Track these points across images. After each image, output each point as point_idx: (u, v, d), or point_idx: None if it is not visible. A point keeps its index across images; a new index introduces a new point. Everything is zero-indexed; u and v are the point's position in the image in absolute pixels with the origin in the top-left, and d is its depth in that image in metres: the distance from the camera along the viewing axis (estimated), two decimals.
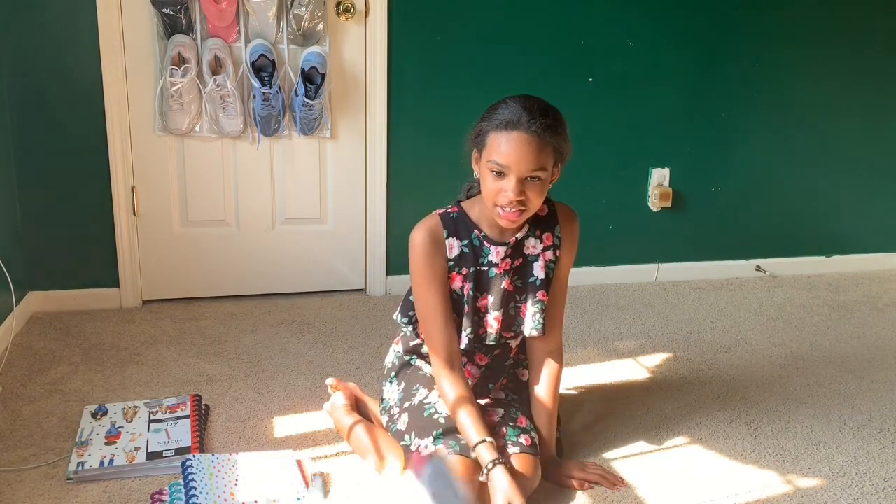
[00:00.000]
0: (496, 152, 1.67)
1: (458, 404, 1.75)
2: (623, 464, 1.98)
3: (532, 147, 1.65)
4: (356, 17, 2.80)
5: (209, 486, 1.71)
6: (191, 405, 2.10)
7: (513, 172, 1.66)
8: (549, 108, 1.70)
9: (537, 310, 1.86)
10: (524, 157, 1.65)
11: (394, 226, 3.01)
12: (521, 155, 1.65)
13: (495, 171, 1.67)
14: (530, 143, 1.65)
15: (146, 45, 2.67)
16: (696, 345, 2.73)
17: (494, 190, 1.69)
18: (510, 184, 1.67)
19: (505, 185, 1.67)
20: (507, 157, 1.66)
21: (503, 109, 1.69)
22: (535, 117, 1.66)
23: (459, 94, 2.95)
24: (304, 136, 2.85)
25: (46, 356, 2.46)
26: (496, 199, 1.70)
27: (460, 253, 1.81)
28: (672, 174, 3.24)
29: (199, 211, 2.88)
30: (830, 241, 3.53)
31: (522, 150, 1.65)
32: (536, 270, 1.86)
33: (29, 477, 1.84)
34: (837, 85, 3.32)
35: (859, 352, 2.72)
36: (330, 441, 2.04)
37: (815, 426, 2.20)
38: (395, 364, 2.01)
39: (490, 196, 1.71)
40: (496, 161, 1.67)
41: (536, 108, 1.67)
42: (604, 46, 3.04)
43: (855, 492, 1.90)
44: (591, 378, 2.45)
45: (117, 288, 2.83)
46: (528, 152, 1.65)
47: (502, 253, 1.82)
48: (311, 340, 2.64)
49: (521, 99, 1.70)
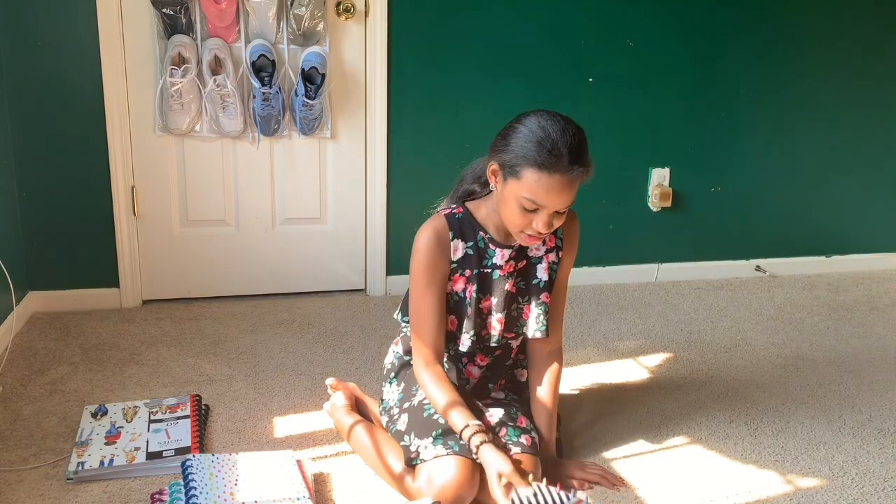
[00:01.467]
0: (533, 192, 1.63)
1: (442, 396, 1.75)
2: (623, 464, 1.98)
3: (571, 188, 1.64)
4: (356, 17, 2.80)
5: (209, 486, 1.71)
6: (191, 405, 2.10)
7: (547, 210, 1.65)
8: (583, 141, 1.65)
9: (541, 312, 1.86)
10: (563, 198, 1.64)
11: (394, 226, 3.01)
12: (560, 197, 1.63)
13: (529, 207, 1.65)
14: (570, 184, 1.63)
15: (146, 45, 2.67)
16: (696, 345, 2.73)
17: (523, 221, 1.68)
18: (542, 218, 1.66)
19: (536, 219, 1.66)
20: (545, 199, 1.63)
21: (543, 145, 1.61)
22: (577, 160, 1.62)
23: (460, 94, 2.95)
24: (304, 136, 2.85)
25: (46, 356, 2.45)
26: (523, 227, 1.69)
27: (465, 255, 1.81)
28: (672, 174, 3.24)
29: (199, 211, 2.88)
30: (830, 241, 3.53)
31: (563, 192, 1.63)
32: (540, 272, 1.86)
33: (29, 477, 1.84)
34: (837, 85, 3.32)
35: (859, 352, 2.72)
36: (330, 441, 2.04)
37: (815, 426, 2.20)
38: (394, 364, 2.01)
39: (516, 223, 1.69)
40: (532, 199, 1.64)
41: (576, 146, 1.63)
42: (604, 46, 3.04)
43: (855, 492, 1.90)
44: (591, 378, 2.45)
45: (117, 288, 2.83)
46: (566, 193, 1.64)
47: (507, 255, 1.82)
48: (311, 340, 2.64)
49: (560, 131, 1.63)
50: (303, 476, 1.79)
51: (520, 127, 1.67)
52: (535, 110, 1.69)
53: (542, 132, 1.63)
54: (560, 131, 1.63)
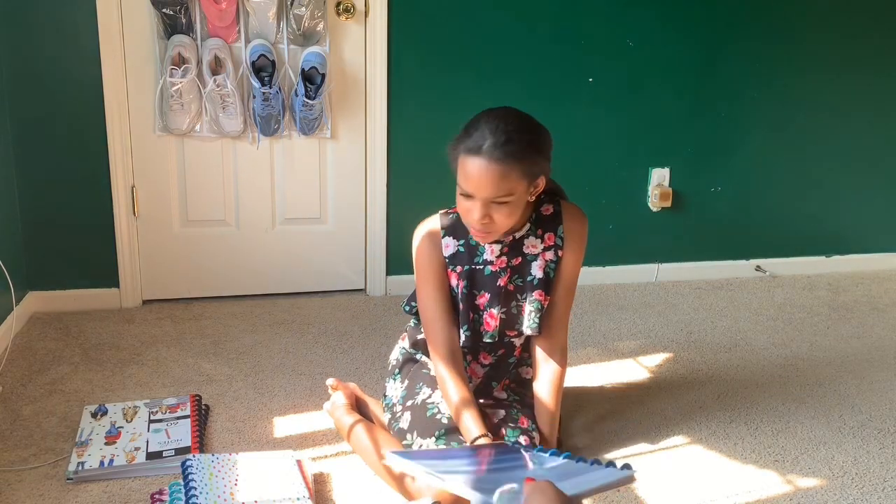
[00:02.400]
0: (461, 176, 1.68)
1: (458, 401, 1.76)
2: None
3: (493, 174, 1.63)
4: (356, 17, 2.80)
5: (209, 486, 1.71)
6: (191, 405, 2.10)
7: (476, 197, 1.67)
8: (518, 130, 1.65)
9: (533, 309, 1.86)
10: (485, 184, 1.64)
11: (394, 226, 3.01)
12: (481, 182, 1.65)
13: (462, 193, 1.70)
14: (491, 170, 1.63)
15: (146, 45, 2.67)
16: (696, 345, 2.73)
17: (463, 210, 1.72)
18: (475, 206, 1.68)
19: (471, 207, 1.69)
20: (469, 184, 1.66)
21: (473, 132, 1.67)
22: (499, 144, 1.62)
23: (460, 94, 2.95)
24: (304, 136, 2.85)
25: (46, 356, 2.45)
26: (465, 217, 1.73)
27: (455, 252, 1.83)
28: (672, 174, 3.24)
29: (199, 211, 2.88)
30: (830, 241, 3.53)
31: (483, 177, 1.64)
32: (534, 270, 1.86)
33: (29, 477, 1.84)
34: (837, 85, 3.32)
35: (859, 352, 2.72)
36: (330, 441, 2.04)
37: (815, 426, 2.20)
38: (399, 360, 2.01)
39: (461, 214, 1.74)
40: (461, 185, 1.69)
41: (502, 133, 1.63)
42: (604, 46, 3.04)
43: (855, 492, 1.90)
44: (592, 378, 2.45)
45: (117, 288, 2.83)
46: (488, 180, 1.64)
47: (497, 251, 1.83)
48: (311, 340, 2.64)
49: (493, 119, 1.66)
50: (303, 476, 1.79)
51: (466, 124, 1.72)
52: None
53: (476, 120, 1.69)
54: (493, 119, 1.66)
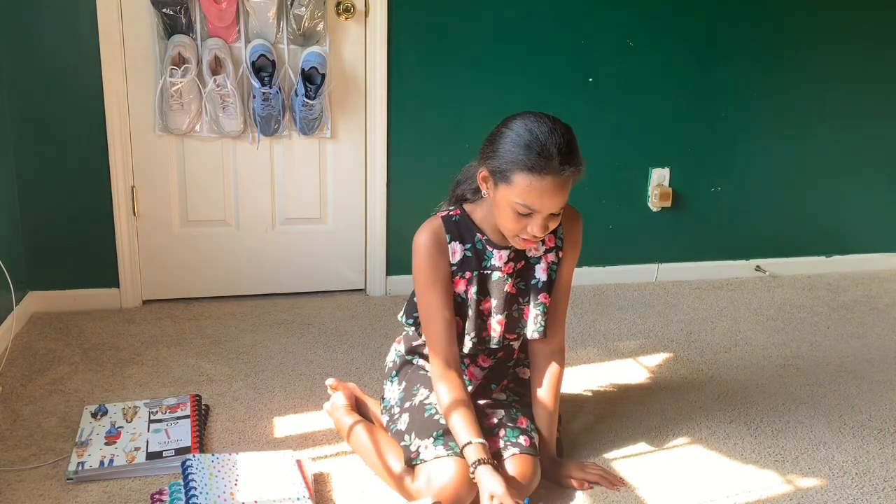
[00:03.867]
0: (525, 196, 1.61)
1: (452, 407, 1.75)
2: (623, 464, 1.98)
3: (564, 189, 1.63)
4: (356, 17, 2.80)
5: (209, 486, 1.71)
6: (191, 405, 2.10)
7: (541, 213, 1.64)
8: (573, 140, 1.64)
9: (539, 312, 1.86)
10: (556, 200, 1.62)
11: (394, 226, 3.01)
12: (553, 199, 1.62)
13: (522, 212, 1.64)
14: (563, 185, 1.62)
15: (146, 45, 2.67)
16: (696, 345, 2.73)
17: (518, 226, 1.66)
18: (537, 222, 1.64)
19: (530, 223, 1.65)
20: (538, 203, 1.62)
21: (532, 148, 1.59)
22: (567, 160, 1.60)
23: (459, 94, 2.95)
24: (304, 136, 2.85)
25: (46, 356, 2.45)
26: (518, 232, 1.68)
27: (463, 257, 1.81)
28: (672, 174, 3.24)
29: (199, 211, 2.88)
30: (830, 241, 3.53)
31: (555, 194, 1.61)
32: (538, 273, 1.85)
33: (29, 477, 1.84)
34: (837, 85, 3.32)
35: (859, 352, 2.72)
36: (330, 441, 2.04)
37: (815, 426, 2.20)
38: (395, 363, 2.01)
39: (510, 229, 1.68)
40: (525, 204, 1.62)
41: (566, 146, 1.61)
42: (604, 46, 3.04)
43: (855, 492, 1.90)
44: (592, 378, 2.45)
45: (117, 288, 2.83)
46: (559, 195, 1.62)
47: (505, 257, 1.82)
48: (311, 340, 2.64)
49: (548, 132, 1.61)
50: (303, 476, 1.79)
51: (507, 131, 1.65)
52: (521, 112, 1.68)
53: (530, 135, 1.61)
54: (548, 132, 1.61)
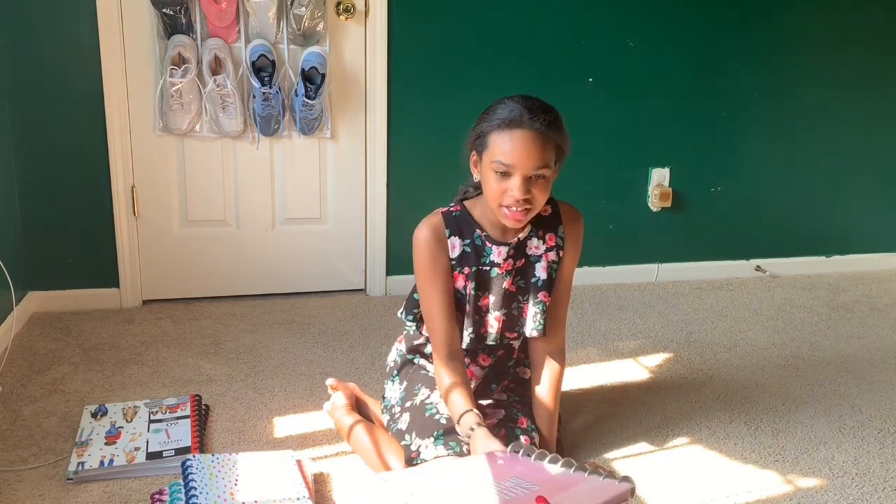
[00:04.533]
0: (500, 152, 1.66)
1: (451, 387, 1.75)
2: (623, 464, 1.98)
3: (536, 144, 1.65)
4: (356, 17, 2.80)
5: (209, 486, 1.71)
6: (191, 405, 2.10)
7: (518, 171, 1.65)
8: (548, 106, 1.70)
9: (538, 310, 1.86)
10: (529, 154, 1.64)
11: (394, 226, 3.01)
12: (525, 153, 1.64)
13: (500, 171, 1.66)
14: (534, 140, 1.64)
15: (146, 45, 2.67)
16: (696, 345, 2.73)
17: (499, 191, 1.68)
18: (515, 183, 1.66)
19: (510, 185, 1.66)
20: (511, 156, 1.64)
21: (503, 109, 1.68)
22: (538, 114, 1.65)
23: (459, 94, 2.95)
24: (304, 136, 2.85)
25: (46, 356, 2.45)
26: (501, 199, 1.68)
27: (462, 252, 1.81)
28: (672, 174, 3.24)
29: (199, 211, 2.88)
30: (830, 241, 3.53)
31: (527, 147, 1.64)
32: (538, 271, 1.86)
33: (29, 477, 1.84)
34: (837, 85, 3.32)
35: (859, 352, 2.72)
36: (330, 441, 2.04)
37: (815, 426, 2.20)
38: (397, 362, 2.01)
39: (494, 197, 1.69)
40: (500, 161, 1.65)
41: (537, 106, 1.67)
42: (604, 46, 3.04)
43: (855, 492, 1.90)
44: (592, 378, 2.45)
45: (117, 288, 2.83)
46: (532, 150, 1.64)
47: (504, 253, 1.82)
48: (311, 340, 2.64)
49: (519, 98, 1.69)
50: (303, 476, 1.79)
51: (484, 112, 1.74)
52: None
53: (503, 101, 1.70)
54: (519, 97, 1.69)
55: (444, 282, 1.79)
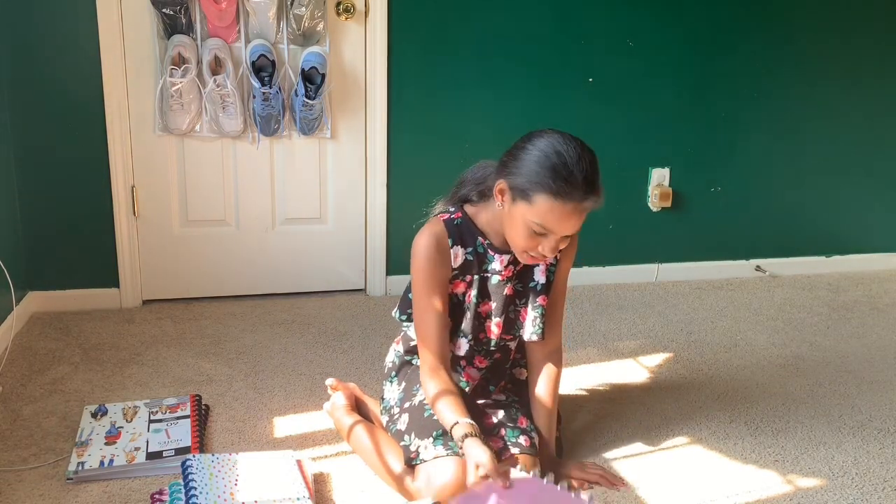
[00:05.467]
0: (544, 218, 1.61)
1: (438, 396, 1.72)
2: (623, 464, 1.98)
3: (582, 215, 1.63)
4: (356, 17, 2.80)
5: (209, 486, 1.71)
6: (191, 405, 2.10)
7: (556, 235, 1.64)
8: (597, 168, 1.63)
9: (537, 315, 1.86)
10: (573, 225, 1.63)
11: (394, 226, 3.01)
12: (570, 224, 1.63)
13: (537, 231, 1.64)
14: (583, 212, 1.63)
15: (146, 45, 2.67)
16: (696, 345, 2.73)
17: (529, 244, 1.66)
18: (550, 242, 1.65)
19: (543, 243, 1.65)
20: (556, 226, 1.62)
21: (558, 173, 1.58)
22: (591, 189, 1.60)
23: (459, 94, 2.95)
24: (304, 136, 2.85)
25: (46, 356, 2.46)
26: (529, 249, 1.68)
27: (465, 261, 1.80)
28: (672, 174, 3.24)
29: (199, 211, 2.88)
30: (830, 241, 3.53)
31: (574, 219, 1.62)
32: (537, 275, 1.85)
33: (29, 477, 1.84)
34: (838, 85, 3.32)
35: (859, 352, 2.72)
36: (330, 441, 2.04)
37: (815, 426, 2.20)
38: (395, 363, 2.01)
39: (521, 245, 1.68)
40: (542, 225, 1.62)
41: (591, 175, 1.60)
42: (604, 46, 3.04)
43: (855, 492, 1.90)
44: (592, 378, 2.45)
45: (117, 288, 2.83)
46: (577, 221, 1.63)
47: (506, 261, 1.82)
48: (311, 340, 2.64)
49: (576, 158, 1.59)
50: (303, 476, 1.79)
51: (532, 149, 1.62)
52: (547, 130, 1.66)
53: (557, 158, 1.59)
54: (576, 158, 1.59)
55: (442, 292, 1.78)
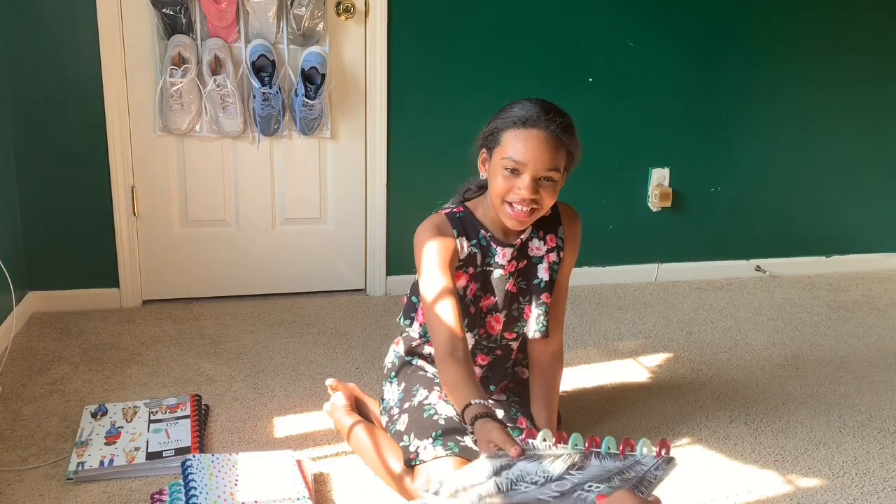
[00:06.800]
0: (512, 149, 1.66)
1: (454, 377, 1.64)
2: None
3: (549, 146, 1.66)
4: (356, 17, 2.80)
5: (209, 486, 1.71)
6: (191, 405, 2.10)
7: (528, 170, 1.66)
8: (563, 111, 1.71)
9: (541, 312, 1.86)
10: (541, 155, 1.65)
11: (394, 226, 3.01)
12: (538, 152, 1.65)
13: (509, 168, 1.67)
14: (548, 141, 1.65)
15: (146, 45, 2.67)
16: (696, 345, 2.73)
17: (506, 188, 1.68)
18: (524, 181, 1.66)
19: (518, 183, 1.67)
20: (523, 154, 1.65)
21: (519, 108, 1.69)
22: (554, 116, 1.67)
23: (459, 94, 2.95)
24: (304, 136, 2.85)
25: (46, 356, 2.46)
26: (507, 195, 1.68)
27: (469, 253, 1.81)
28: (672, 174, 3.24)
29: (199, 211, 2.88)
30: (830, 241, 3.52)
31: (540, 147, 1.65)
32: (540, 272, 1.85)
33: (29, 477, 1.84)
34: (837, 85, 3.32)
35: (859, 352, 2.72)
36: (330, 441, 2.04)
37: (815, 426, 2.20)
38: (394, 364, 2.01)
39: (500, 193, 1.69)
40: (512, 158, 1.66)
41: (553, 109, 1.69)
42: (604, 46, 3.04)
43: (855, 492, 1.90)
44: (592, 378, 2.45)
45: (117, 288, 2.83)
46: (545, 150, 1.65)
47: (508, 255, 1.82)
48: (311, 340, 2.64)
49: (536, 100, 1.71)
50: (303, 476, 1.79)
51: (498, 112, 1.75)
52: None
53: (519, 101, 1.72)
54: (536, 99, 1.71)
55: (450, 271, 1.76)
